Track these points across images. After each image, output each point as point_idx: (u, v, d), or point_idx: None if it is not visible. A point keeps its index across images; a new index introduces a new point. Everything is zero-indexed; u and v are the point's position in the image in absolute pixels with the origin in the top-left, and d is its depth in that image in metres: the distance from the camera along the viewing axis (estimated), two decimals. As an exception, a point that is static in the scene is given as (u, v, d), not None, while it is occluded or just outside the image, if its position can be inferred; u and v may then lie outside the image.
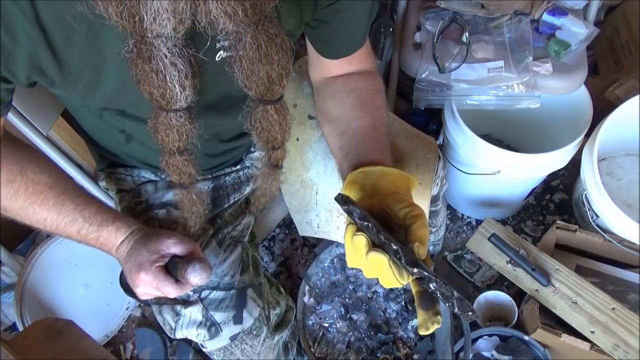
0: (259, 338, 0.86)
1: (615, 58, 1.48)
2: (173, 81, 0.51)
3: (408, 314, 1.28)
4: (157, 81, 0.51)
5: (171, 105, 0.54)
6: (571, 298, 1.10)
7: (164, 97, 0.53)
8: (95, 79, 0.59)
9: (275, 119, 0.62)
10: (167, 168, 0.65)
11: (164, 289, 0.66)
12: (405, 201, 0.61)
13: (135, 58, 0.50)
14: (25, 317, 1.29)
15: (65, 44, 0.54)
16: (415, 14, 1.30)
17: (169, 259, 0.68)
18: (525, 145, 1.47)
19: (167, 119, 0.56)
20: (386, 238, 0.55)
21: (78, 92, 0.61)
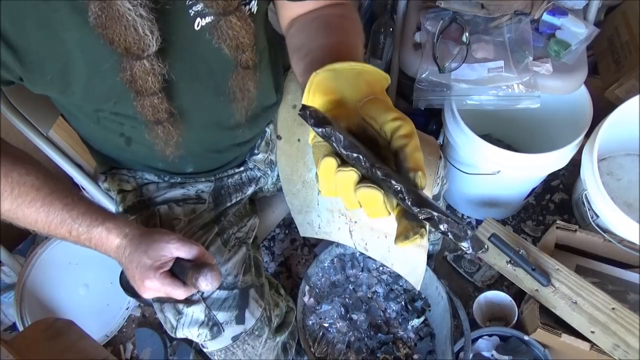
0: (260, 339, 0.86)
1: (615, 58, 1.48)
2: (144, 29, 0.55)
3: (408, 314, 1.28)
4: (132, 35, 0.54)
5: (145, 51, 0.57)
6: (571, 298, 1.10)
7: (140, 47, 0.56)
8: (63, 69, 0.60)
9: (240, 26, 0.63)
10: (142, 109, 0.65)
11: (172, 294, 0.67)
12: (392, 111, 0.53)
13: (105, 21, 0.53)
14: (25, 317, 1.29)
15: (17, 31, 0.55)
16: (415, 14, 1.30)
17: (172, 262, 0.68)
18: (525, 145, 1.47)
19: (143, 66, 0.59)
20: (384, 174, 0.46)
21: (50, 85, 0.61)
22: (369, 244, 0.95)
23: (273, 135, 0.93)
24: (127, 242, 0.69)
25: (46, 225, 0.67)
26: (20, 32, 0.55)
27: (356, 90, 0.56)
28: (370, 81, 0.57)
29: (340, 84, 0.56)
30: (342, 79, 0.56)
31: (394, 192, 0.46)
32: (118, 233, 0.69)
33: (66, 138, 1.13)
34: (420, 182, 0.48)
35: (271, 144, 0.95)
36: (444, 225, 0.45)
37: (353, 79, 0.56)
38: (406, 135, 0.51)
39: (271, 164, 0.97)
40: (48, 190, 0.66)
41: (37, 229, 0.68)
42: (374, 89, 0.56)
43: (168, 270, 0.68)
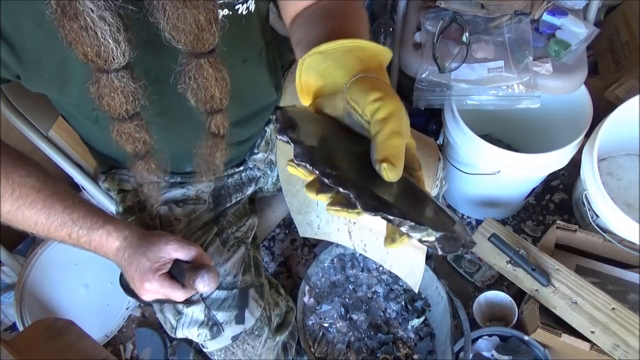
0: (260, 338, 0.86)
1: (615, 58, 1.48)
2: (105, 36, 0.48)
3: (408, 314, 1.28)
4: (89, 39, 0.48)
5: (109, 64, 0.51)
6: (571, 298, 1.10)
7: (100, 56, 0.49)
8: (60, 67, 0.58)
9: (211, 74, 0.56)
10: (119, 137, 0.60)
11: (171, 295, 0.67)
12: (373, 90, 0.47)
13: (61, 18, 0.47)
14: (25, 317, 1.29)
15: (13, 29, 0.53)
16: (415, 14, 1.30)
17: (171, 264, 0.68)
18: (525, 145, 1.47)
19: (109, 81, 0.52)
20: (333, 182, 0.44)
21: (48, 83, 0.60)
22: (367, 245, 0.95)
23: (273, 134, 0.93)
24: (126, 245, 0.68)
25: (46, 227, 0.66)
26: (17, 29, 0.54)
27: (346, 69, 0.50)
28: (364, 57, 0.51)
29: (328, 65, 0.51)
30: (330, 59, 0.51)
31: (349, 205, 0.43)
32: (118, 235, 0.68)
33: (66, 138, 1.13)
34: (387, 175, 0.44)
35: (271, 144, 0.95)
36: (405, 227, 0.42)
37: (342, 58, 0.51)
38: (383, 119, 0.46)
39: (271, 164, 0.97)
40: (49, 192, 0.66)
41: (36, 232, 0.67)
42: (368, 66, 0.51)
43: (167, 272, 0.67)
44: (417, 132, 0.92)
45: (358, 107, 0.48)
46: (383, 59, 0.54)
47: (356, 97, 0.48)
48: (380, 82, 0.49)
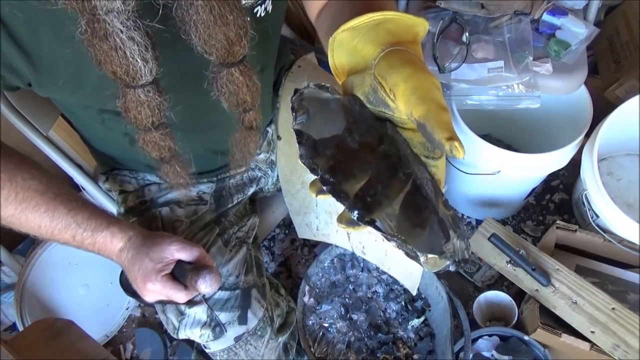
0: (263, 339, 0.86)
1: (615, 58, 1.48)
2: (134, 56, 0.50)
3: (408, 314, 1.28)
4: (118, 58, 0.49)
5: (137, 81, 0.52)
6: (571, 298, 1.10)
7: (128, 74, 0.51)
8: (75, 73, 0.58)
9: (242, 81, 0.58)
10: (145, 146, 0.62)
11: (174, 297, 0.67)
12: (405, 66, 0.44)
13: (91, 38, 0.48)
14: (25, 317, 1.29)
15: (30, 36, 0.53)
16: (415, 14, 1.30)
17: (174, 265, 0.68)
18: (525, 145, 1.47)
19: (136, 96, 0.55)
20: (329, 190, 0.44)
21: (62, 89, 0.60)
22: (366, 247, 0.95)
23: (275, 135, 0.93)
24: (130, 245, 0.69)
25: (49, 230, 0.66)
26: (33, 35, 0.53)
27: (375, 43, 0.48)
28: (395, 30, 0.49)
29: (358, 42, 0.49)
30: (360, 35, 0.49)
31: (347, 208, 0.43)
32: (122, 237, 0.69)
33: (66, 138, 1.13)
34: (459, 154, 0.40)
35: (272, 144, 0.95)
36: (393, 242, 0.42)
37: (371, 32, 0.49)
38: (424, 96, 0.42)
39: (272, 164, 0.97)
40: (52, 194, 0.66)
41: (40, 234, 0.67)
42: (400, 38, 0.48)
43: (169, 273, 0.67)
44: None
45: (386, 84, 0.45)
46: (418, 31, 0.51)
47: (384, 72, 0.46)
48: (411, 54, 0.47)
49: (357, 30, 0.50)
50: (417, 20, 0.50)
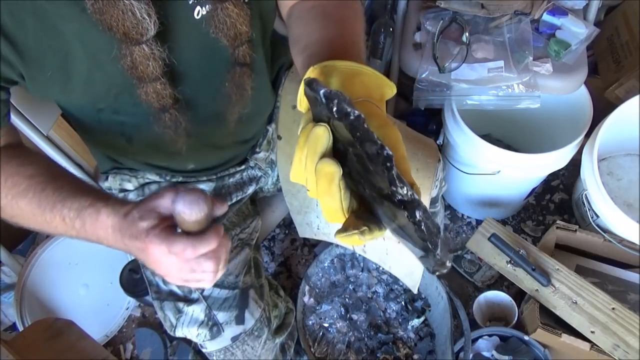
0: (260, 339, 0.86)
1: (615, 58, 1.48)
2: (142, 13, 0.55)
3: (408, 314, 1.28)
4: (129, 19, 0.55)
5: (144, 36, 0.57)
6: (571, 298, 1.10)
7: (138, 31, 0.56)
8: (63, 62, 0.59)
9: (237, 12, 0.63)
10: (147, 97, 0.64)
11: (175, 249, 0.52)
12: (379, 116, 0.49)
13: (102, 6, 0.53)
14: (25, 317, 1.29)
15: (16, 25, 0.54)
16: (415, 14, 1.30)
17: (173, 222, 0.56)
18: (525, 145, 1.47)
19: (142, 51, 0.59)
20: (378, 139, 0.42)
21: (51, 82, 0.60)
22: (367, 246, 0.95)
23: (274, 134, 0.93)
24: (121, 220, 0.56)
25: (41, 217, 0.60)
26: (19, 25, 0.54)
27: (349, 89, 0.51)
28: (368, 85, 0.53)
29: (334, 81, 0.52)
30: (338, 75, 0.52)
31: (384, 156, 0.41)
32: (109, 212, 0.57)
33: (66, 138, 1.13)
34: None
35: (272, 143, 0.95)
36: (420, 212, 0.41)
37: (349, 78, 0.52)
38: (391, 145, 0.45)
39: (272, 164, 0.97)
40: (42, 178, 0.62)
41: (36, 225, 0.62)
42: (370, 93, 0.52)
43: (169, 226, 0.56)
44: (416, 133, 0.92)
45: None
46: (386, 92, 0.54)
47: None
48: (380, 109, 0.51)
49: (337, 70, 0.53)
50: (387, 81, 0.54)
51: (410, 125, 1.51)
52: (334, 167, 0.44)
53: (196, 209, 0.52)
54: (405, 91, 1.42)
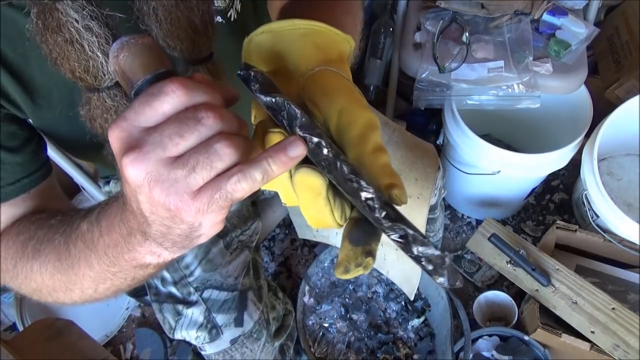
0: (259, 342, 0.86)
1: (615, 58, 1.48)
2: (93, 49, 0.43)
3: (408, 314, 1.28)
4: (75, 52, 0.43)
5: (100, 81, 0.45)
6: (571, 298, 1.10)
7: (89, 72, 0.44)
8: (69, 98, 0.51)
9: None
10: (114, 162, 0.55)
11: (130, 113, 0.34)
12: (337, 96, 0.38)
13: (43, 31, 0.42)
14: (25, 317, 1.29)
15: (21, 61, 0.48)
16: (415, 14, 1.30)
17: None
18: (525, 145, 1.47)
19: (101, 101, 0.47)
20: (352, 171, 0.35)
21: (60, 121, 0.53)
22: None
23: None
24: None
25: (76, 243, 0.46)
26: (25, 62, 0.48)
27: (301, 57, 0.42)
28: (322, 45, 0.42)
29: (281, 49, 0.43)
30: (284, 42, 0.43)
31: (362, 200, 0.35)
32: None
33: (66, 138, 1.13)
34: (401, 200, 0.36)
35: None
36: (418, 247, 0.34)
37: (297, 43, 0.42)
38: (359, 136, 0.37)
39: None
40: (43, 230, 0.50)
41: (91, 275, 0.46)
42: (327, 55, 0.42)
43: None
44: (415, 138, 0.89)
45: (319, 113, 0.40)
46: (344, 48, 0.45)
47: (316, 98, 0.39)
48: (343, 79, 0.41)
49: (280, 36, 0.43)
50: (343, 36, 0.44)
51: (410, 125, 1.52)
52: (318, 179, 0.36)
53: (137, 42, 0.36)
54: (405, 91, 1.42)
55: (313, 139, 0.35)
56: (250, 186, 0.32)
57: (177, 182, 0.32)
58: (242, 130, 0.35)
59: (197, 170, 0.32)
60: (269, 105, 0.37)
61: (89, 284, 0.46)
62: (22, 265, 0.50)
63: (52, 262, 0.47)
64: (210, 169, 0.32)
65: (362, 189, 0.35)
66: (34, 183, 0.54)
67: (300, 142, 0.34)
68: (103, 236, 0.42)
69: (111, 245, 0.41)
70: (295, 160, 0.34)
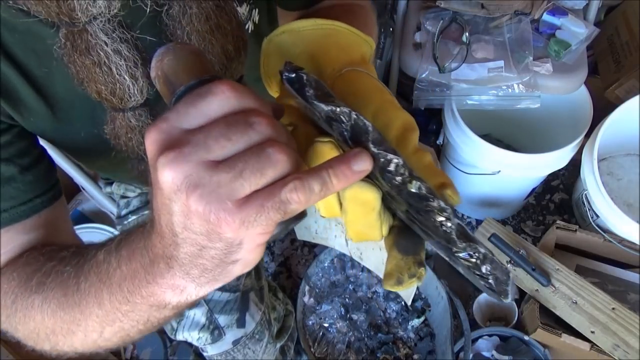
0: (261, 343, 0.86)
1: (615, 58, 1.48)
2: (121, 72, 0.43)
3: (408, 314, 1.28)
4: (103, 75, 0.42)
5: (126, 103, 0.45)
6: (571, 298, 1.10)
7: (115, 94, 0.44)
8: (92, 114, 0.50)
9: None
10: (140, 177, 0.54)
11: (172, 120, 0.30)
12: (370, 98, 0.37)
13: (71, 53, 0.41)
14: (25, 317, 1.29)
15: (46, 77, 0.47)
16: (415, 14, 1.30)
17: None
18: (525, 145, 1.47)
19: (126, 121, 0.47)
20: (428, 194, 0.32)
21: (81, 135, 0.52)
22: (363, 254, 0.94)
23: None
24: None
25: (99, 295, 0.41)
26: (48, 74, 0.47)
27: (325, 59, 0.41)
28: (344, 45, 0.42)
29: (303, 50, 0.42)
30: (305, 43, 0.42)
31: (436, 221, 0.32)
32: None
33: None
34: (456, 200, 0.35)
35: None
36: (487, 266, 0.33)
37: (320, 43, 0.41)
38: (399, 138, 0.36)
39: None
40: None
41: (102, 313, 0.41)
42: (351, 57, 0.41)
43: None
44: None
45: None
46: (365, 50, 0.44)
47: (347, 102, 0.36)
48: (373, 80, 0.40)
49: (301, 36, 0.42)
50: (364, 37, 0.43)
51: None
52: (374, 194, 0.33)
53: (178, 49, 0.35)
54: (405, 91, 1.42)
55: (389, 157, 0.31)
56: (306, 198, 0.28)
57: (220, 187, 0.27)
58: (291, 143, 0.31)
59: (245, 174, 0.28)
60: (328, 115, 0.33)
61: (94, 326, 0.41)
62: (22, 300, 0.45)
63: (57, 298, 0.43)
64: (261, 175, 0.28)
65: (439, 210, 0.32)
66: (46, 203, 0.51)
67: (368, 155, 0.30)
68: (121, 266, 0.37)
69: (128, 276, 0.36)
70: (360, 175, 0.30)
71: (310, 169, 0.29)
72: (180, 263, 0.32)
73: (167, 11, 0.42)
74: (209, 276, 0.32)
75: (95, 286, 0.39)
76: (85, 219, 1.44)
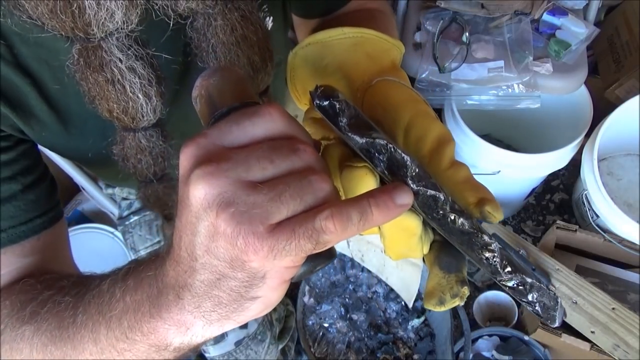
0: (263, 344, 0.86)
1: (615, 58, 1.48)
2: (135, 90, 0.41)
3: (408, 314, 1.28)
4: (115, 93, 0.40)
5: (138, 123, 0.43)
6: (571, 298, 1.10)
7: (127, 113, 0.42)
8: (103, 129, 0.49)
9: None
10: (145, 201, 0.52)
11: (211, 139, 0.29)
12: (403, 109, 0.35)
13: (84, 69, 0.40)
14: (25, 317, 1.29)
15: (58, 90, 0.46)
16: (415, 14, 1.30)
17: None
18: (525, 145, 1.47)
19: (136, 141, 0.45)
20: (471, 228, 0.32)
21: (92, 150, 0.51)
22: (365, 255, 0.95)
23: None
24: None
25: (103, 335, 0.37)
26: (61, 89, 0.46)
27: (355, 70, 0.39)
28: (373, 53, 0.40)
29: (331, 62, 0.40)
30: (332, 54, 0.40)
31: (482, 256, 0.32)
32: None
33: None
34: (497, 217, 0.35)
35: None
36: (534, 294, 0.32)
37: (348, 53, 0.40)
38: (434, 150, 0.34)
39: None
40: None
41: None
42: (381, 65, 0.40)
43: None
44: None
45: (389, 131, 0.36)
46: (395, 55, 0.42)
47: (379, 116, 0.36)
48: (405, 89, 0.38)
49: (328, 47, 0.40)
50: (393, 42, 0.42)
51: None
52: (415, 221, 0.33)
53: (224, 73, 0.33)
54: (405, 91, 1.41)
55: (429, 193, 0.31)
56: (343, 227, 0.26)
57: (254, 208, 0.26)
58: (329, 174, 0.30)
59: (283, 198, 0.26)
60: (363, 147, 0.32)
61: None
62: (11, 330, 0.42)
63: (50, 330, 0.39)
64: (300, 200, 0.26)
65: (484, 246, 0.32)
66: (47, 224, 0.49)
67: (409, 190, 0.29)
68: (125, 297, 0.34)
69: (131, 308, 0.33)
70: (402, 210, 0.29)
71: (349, 198, 0.28)
72: (193, 293, 0.29)
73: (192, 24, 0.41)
74: (222, 312, 0.30)
75: (93, 319, 0.36)
76: (85, 219, 1.44)
